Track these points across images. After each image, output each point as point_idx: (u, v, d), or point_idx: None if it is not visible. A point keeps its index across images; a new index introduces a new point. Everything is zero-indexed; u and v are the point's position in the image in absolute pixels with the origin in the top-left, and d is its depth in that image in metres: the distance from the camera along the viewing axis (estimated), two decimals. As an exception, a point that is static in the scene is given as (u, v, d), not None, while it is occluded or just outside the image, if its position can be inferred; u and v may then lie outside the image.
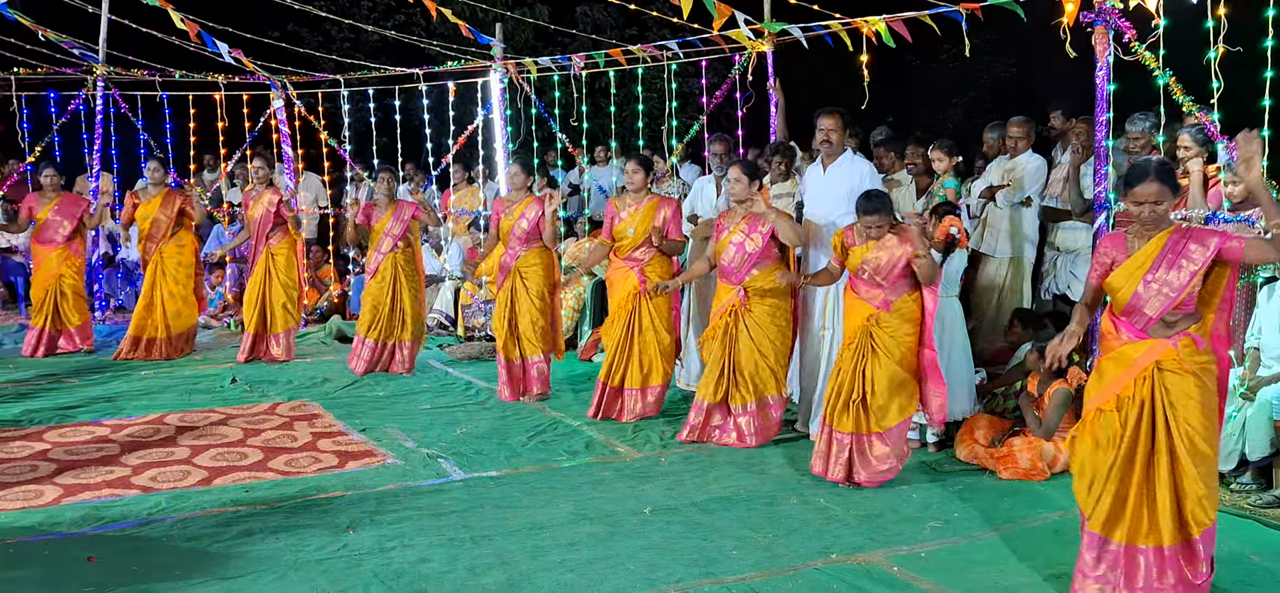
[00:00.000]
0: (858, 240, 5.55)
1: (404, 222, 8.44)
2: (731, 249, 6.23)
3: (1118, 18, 5.84)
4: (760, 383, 6.21)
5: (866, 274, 5.50)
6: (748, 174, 6.27)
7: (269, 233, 8.94)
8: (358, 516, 5.02)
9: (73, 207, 9.35)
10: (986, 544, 4.70)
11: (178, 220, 9.23)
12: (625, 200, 7.01)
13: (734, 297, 6.22)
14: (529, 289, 7.45)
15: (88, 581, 4.25)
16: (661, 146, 10.11)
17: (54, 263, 9.29)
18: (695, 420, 6.31)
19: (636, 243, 6.88)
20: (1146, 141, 6.44)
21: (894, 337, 5.44)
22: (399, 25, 15.29)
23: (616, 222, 6.99)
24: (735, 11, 7.73)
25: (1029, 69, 14.55)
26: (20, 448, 6.19)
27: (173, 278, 9.22)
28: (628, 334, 6.87)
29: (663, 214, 6.88)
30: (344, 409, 7.25)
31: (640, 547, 4.64)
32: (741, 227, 6.23)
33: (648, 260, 6.86)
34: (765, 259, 6.19)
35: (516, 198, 7.58)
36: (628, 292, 6.89)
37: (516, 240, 7.46)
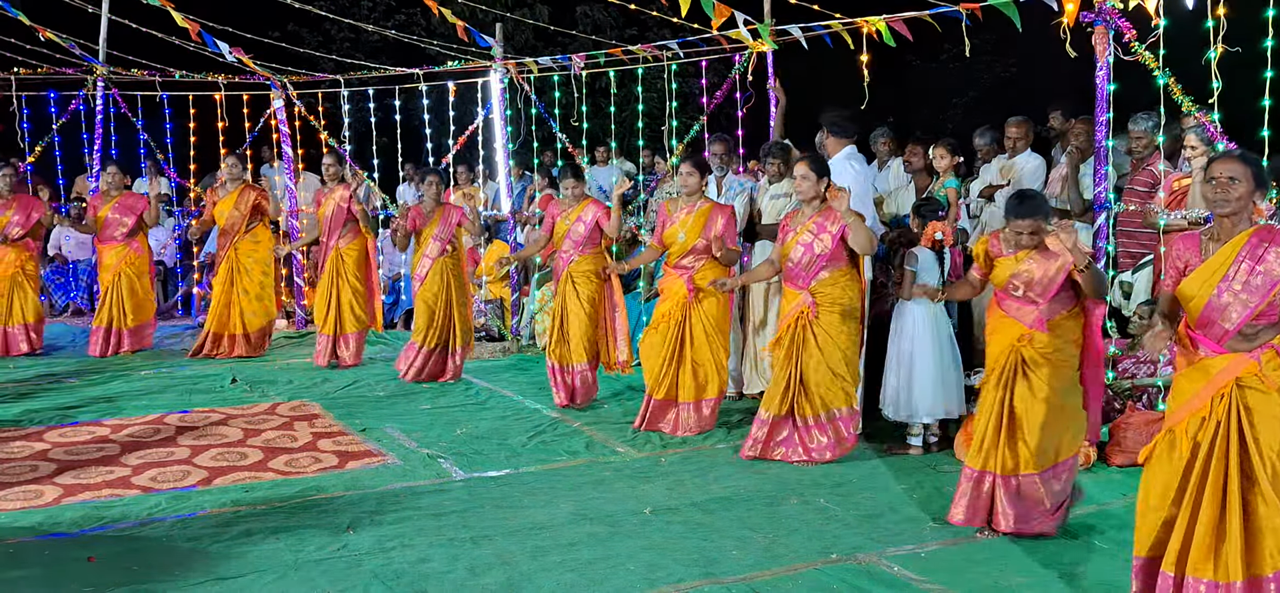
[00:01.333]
0: (1006, 250, 4.85)
1: (451, 226, 8.22)
2: (799, 250, 5.87)
3: (1118, 18, 5.84)
4: (829, 396, 5.87)
5: (1019, 290, 4.79)
6: (815, 171, 5.89)
7: (339, 232, 8.75)
8: (358, 516, 5.02)
9: (133, 205, 9.31)
10: (986, 545, 4.70)
11: (252, 215, 9.16)
12: (677, 204, 6.71)
13: (802, 303, 5.87)
14: (580, 295, 7.25)
15: (88, 581, 4.25)
16: (661, 146, 10.11)
17: (113, 261, 9.27)
18: (758, 434, 5.96)
19: (686, 249, 6.57)
20: (1148, 141, 6.45)
21: (1052, 360, 4.71)
22: (399, 25, 15.31)
23: (667, 226, 6.68)
24: (735, 11, 7.73)
25: (1029, 69, 14.56)
26: (20, 448, 6.20)
27: (247, 274, 9.15)
28: (677, 344, 6.55)
29: (717, 221, 6.54)
30: (344, 409, 7.25)
31: (640, 547, 4.63)
32: (809, 226, 5.87)
33: (697, 268, 6.57)
34: (835, 262, 5.84)
35: (572, 201, 7.36)
36: (676, 300, 6.59)
37: (572, 244, 7.27)
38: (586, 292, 7.26)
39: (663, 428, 6.59)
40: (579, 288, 7.26)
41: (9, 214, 9.22)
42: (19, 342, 9.31)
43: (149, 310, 9.54)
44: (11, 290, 9.26)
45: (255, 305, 9.21)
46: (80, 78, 10.75)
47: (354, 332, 8.78)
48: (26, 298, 9.33)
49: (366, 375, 8.42)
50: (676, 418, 6.57)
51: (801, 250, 5.86)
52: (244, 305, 9.16)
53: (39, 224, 9.45)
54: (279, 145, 11.45)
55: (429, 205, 8.24)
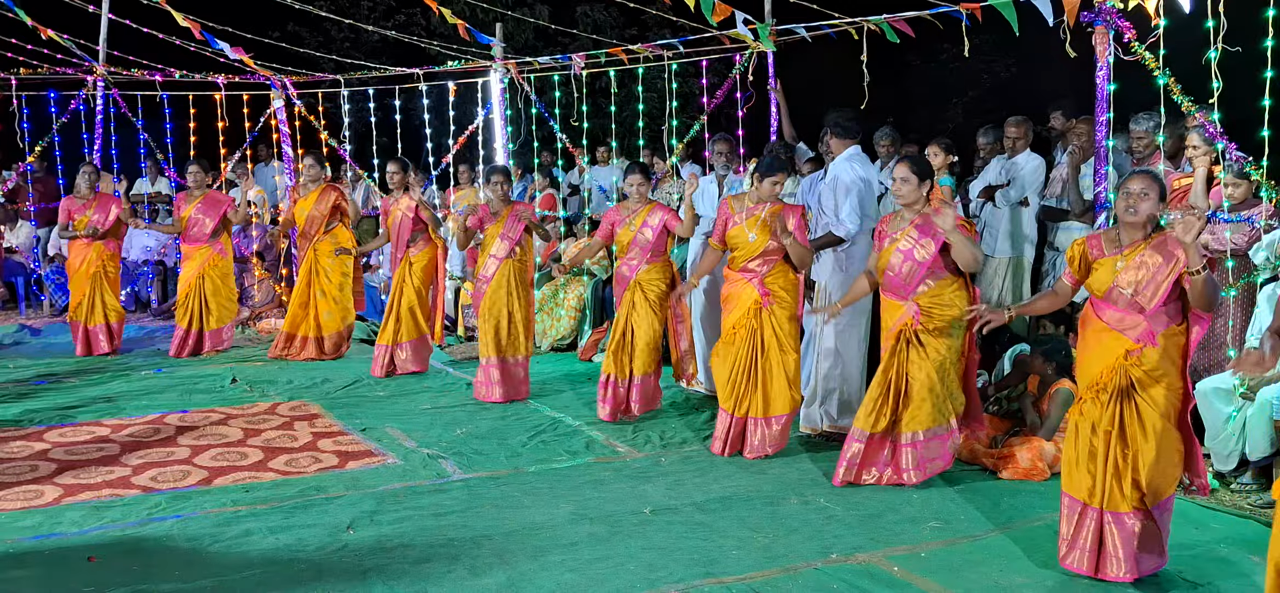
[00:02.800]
0: (1108, 250, 4.29)
1: (519, 226, 7.69)
2: (898, 257, 5.38)
3: (1118, 18, 5.84)
4: (932, 413, 5.41)
5: (1128, 293, 4.19)
6: (917, 172, 5.41)
7: (409, 240, 8.41)
8: (358, 516, 5.02)
9: (216, 204, 9.23)
10: (986, 544, 4.70)
11: (332, 216, 8.96)
12: (741, 202, 6.19)
13: (906, 315, 5.39)
14: (649, 301, 6.85)
15: (88, 581, 4.25)
16: (661, 146, 10.11)
17: (196, 263, 9.20)
18: (851, 456, 5.49)
19: (755, 252, 6.05)
20: (1149, 142, 6.44)
21: (1160, 382, 4.18)
22: (399, 25, 15.31)
23: (731, 226, 6.16)
24: (735, 11, 7.74)
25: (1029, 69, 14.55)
26: (20, 448, 6.19)
27: (326, 275, 8.97)
28: (749, 357, 6.03)
29: (789, 221, 5.97)
30: (344, 409, 7.25)
31: (640, 547, 4.63)
32: (909, 232, 5.38)
33: (768, 271, 6.04)
34: (939, 270, 5.36)
35: (637, 205, 6.92)
36: (747, 308, 6.06)
37: (639, 251, 6.85)
38: (655, 299, 6.86)
39: (744, 451, 6.07)
40: (649, 295, 6.84)
41: (89, 213, 9.21)
42: (101, 341, 9.28)
43: (231, 313, 9.45)
44: (94, 290, 9.23)
45: (332, 307, 8.99)
46: (80, 78, 10.76)
47: (411, 340, 8.44)
48: (108, 298, 9.30)
49: (367, 376, 8.41)
50: (755, 436, 6.07)
51: (901, 258, 5.38)
52: (321, 307, 8.96)
53: (119, 222, 9.41)
54: (279, 145, 11.46)
55: (496, 204, 7.78)
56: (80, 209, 9.25)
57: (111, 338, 9.33)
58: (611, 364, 6.89)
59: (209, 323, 9.24)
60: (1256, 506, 5.13)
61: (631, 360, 6.88)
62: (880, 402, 5.44)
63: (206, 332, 9.24)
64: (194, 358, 9.11)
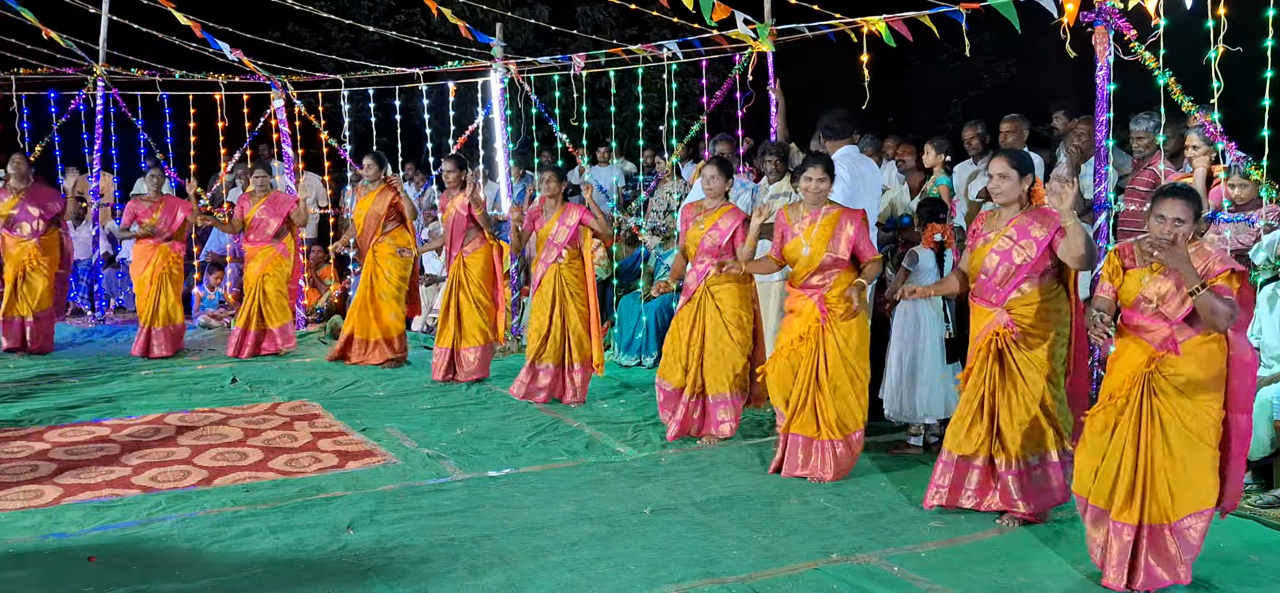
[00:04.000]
0: (1139, 261, 4.20)
1: (571, 227, 7.32)
2: (994, 259, 4.87)
3: (1118, 18, 5.84)
4: (1032, 438, 4.87)
5: (1152, 304, 4.15)
6: (1016, 167, 4.90)
7: (463, 239, 8.14)
8: (358, 516, 5.02)
9: (280, 205, 9.18)
10: (986, 544, 4.70)
11: (389, 216, 8.75)
12: (798, 211, 5.75)
13: (996, 323, 4.88)
14: (723, 313, 6.29)
15: (88, 581, 4.25)
16: (661, 146, 10.11)
17: (258, 263, 9.16)
18: (943, 481, 5.02)
19: (814, 265, 5.62)
20: (1149, 141, 6.44)
21: (1190, 396, 4.08)
22: (399, 25, 15.30)
23: (788, 238, 5.72)
24: (734, 11, 7.74)
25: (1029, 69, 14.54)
26: (20, 448, 6.19)
27: (386, 277, 8.77)
28: (812, 374, 5.65)
29: (847, 228, 5.58)
30: (344, 409, 7.25)
31: (640, 547, 4.63)
32: (1008, 231, 4.88)
33: (829, 285, 5.61)
34: (1039, 274, 4.83)
35: (712, 204, 6.39)
36: (807, 326, 5.64)
37: (707, 255, 6.32)
38: (731, 309, 6.29)
39: (800, 471, 5.67)
40: (722, 305, 6.30)
41: (156, 216, 9.20)
42: (162, 344, 9.25)
43: (289, 313, 9.38)
44: (157, 293, 9.21)
45: (396, 308, 8.80)
46: (80, 78, 10.76)
47: (476, 346, 8.11)
48: (170, 300, 9.27)
49: (367, 375, 8.41)
50: (817, 459, 5.67)
51: (997, 260, 4.86)
52: (383, 309, 8.77)
53: (185, 224, 9.39)
54: (279, 145, 11.46)
55: (549, 204, 7.42)
56: (146, 211, 9.23)
57: (173, 340, 9.29)
58: (678, 379, 6.37)
59: (270, 322, 9.21)
60: (1256, 506, 5.12)
61: (704, 376, 6.36)
62: (971, 421, 4.95)
63: (269, 331, 9.21)
64: (254, 357, 9.08)
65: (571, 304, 7.33)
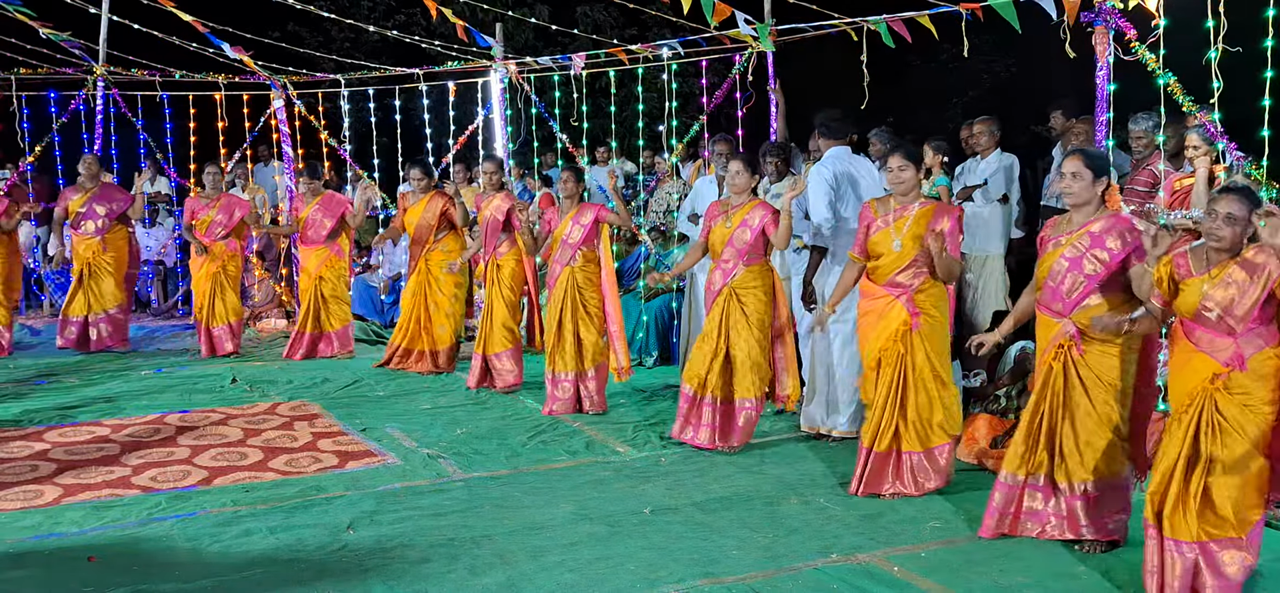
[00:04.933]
0: (1195, 269, 4.01)
1: (585, 227, 7.06)
2: (1062, 265, 4.56)
3: (1118, 18, 5.84)
4: (1098, 457, 4.56)
5: (1213, 313, 3.93)
6: (1091, 167, 4.56)
7: (497, 242, 7.92)
8: (358, 516, 5.02)
9: (334, 206, 9.05)
10: (986, 544, 4.70)
11: (440, 223, 8.46)
12: (885, 206, 5.37)
13: (1062, 335, 4.58)
14: (748, 316, 6.09)
15: (88, 581, 4.25)
16: (661, 146, 10.11)
17: (314, 264, 9.04)
18: (1002, 504, 4.72)
19: (903, 263, 5.26)
20: (1148, 141, 6.44)
21: (1249, 406, 3.91)
22: (399, 25, 15.30)
23: (873, 231, 5.35)
24: (735, 11, 7.74)
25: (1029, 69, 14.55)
26: (20, 448, 6.20)
27: (438, 286, 8.51)
28: (899, 384, 5.29)
29: (942, 224, 5.16)
30: (344, 409, 7.25)
31: (640, 547, 4.63)
32: (1080, 237, 4.54)
33: (918, 286, 5.25)
34: (1109, 287, 4.51)
35: (739, 201, 6.18)
36: (894, 329, 5.28)
37: (735, 253, 6.10)
38: (756, 311, 6.12)
39: (884, 490, 5.33)
40: (747, 306, 6.11)
41: (213, 213, 9.17)
42: (225, 342, 9.20)
43: (348, 316, 9.25)
44: (214, 291, 9.16)
45: (445, 321, 8.52)
46: (80, 78, 10.76)
47: (507, 349, 7.84)
48: (228, 298, 9.22)
49: (367, 376, 8.41)
50: (903, 472, 5.35)
51: (1066, 267, 4.55)
52: (435, 320, 8.52)
53: (243, 223, 9.33)
54: (279, 145, 11.46)
55: (565, 203, 7.23)
56: (204, 209, 9.20)
57: (234, 337, 9.26)
58: (712, 386, 6.15)
59: (328, 324, 9.11)
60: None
61: (732, 381, 6.14)
62: (1032, 441, 4.67)
63: (326, 334, 9.12)
64: (309, 359, 9.00)
65: (582, 310, 7.07)
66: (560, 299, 7.08)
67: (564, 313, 7.06)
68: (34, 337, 10.12)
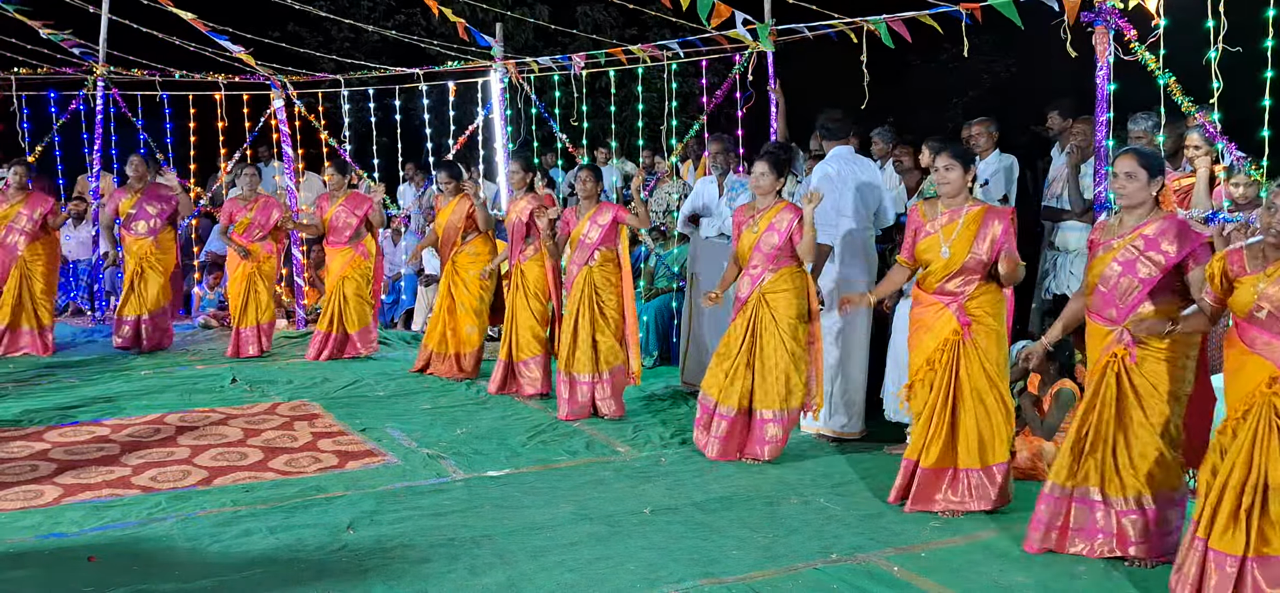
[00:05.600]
0: (1250, 267, 3.85)
1: (603, 227, 6.91)
2: (1114, 269, 4.37)
3: (1118, 18, 5.85)
4: (1153, 472, 4.35)
5: (1263, 312, 3.79)
6: (1145, 166, 4.35)
7: (521, 246, 7.73)
8: (358, 516, 5.02)
9: (358, 205, 8.97)
10: (986, 544, 4.70)
11: (467, 227, 8.34)
12: (935, 209, 5.13)
13: (1114, 344, 4.36)
14: (778, 321, 5.80)
15: (88, 581, 4.25)
16: (661, 147, 10.11)
17: (339, 265, 8.96)
18: (1049, 517, 4.52)
19: (953, 267, 5.00)
20: (1148, 141, 6.44)
21: None
22: (399, 25, 15.31)
23: (920, 236, 5.12)
24: (735, 11, 7.74)
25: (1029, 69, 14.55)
26: (20, 448, 6.19)
27: (465, 287, 8.33)
28: (949, 396, 5.01)
29: (994, 227, 4.93)
30: (344, 409, 7.25)
31: (640, 547, 4.63)
32: (1134, 240, 4.34)
33: (969, 293, 4.98)
34: (1167, 291, 4.31)
35: (765, 204, 5.92)
36: (943, 338, 5.01)
37: (763, 258, 5.84)
38: (786, 317, 5.82)
39: (934, 506, 5.05)
40: (777, 313, 5.83)
41: (251, 214, 9.15)
42: (248, 344, 9.15)
43: (368, 317, 9.12)
44: (248, 292, 9.13)
45: (474, 321, 8.35)
46: (80, 78, 10.76)
47: (534, 357, 7.64)
48: (261, 300, 9.19)
49: (367, 376, 8.41)
50: (959, 488, 5.06)
51: (1118, 272, 4.35)
52: (462, 322, 8.36)
53: (278, 227, 9.29)
54: (279, 145, 11.46)
55: (583, 203, 7.08)
56: (241, 210, 9.18)
57: (260, 340, 9.21)
58: (739, 397, 5.89)
59: (350, 325, 9.01)
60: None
61: (756, 394, 5.89)
62: (1079, 451, 4.48)
63: (353, 335, 9.02)
64: (334, 360, 8.92)
65: (598, 312, 6.92)
66: (577, 301, 6.95)
67: (581, 315, 6.92)
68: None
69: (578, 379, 6.95)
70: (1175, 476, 4.37)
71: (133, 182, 9.41)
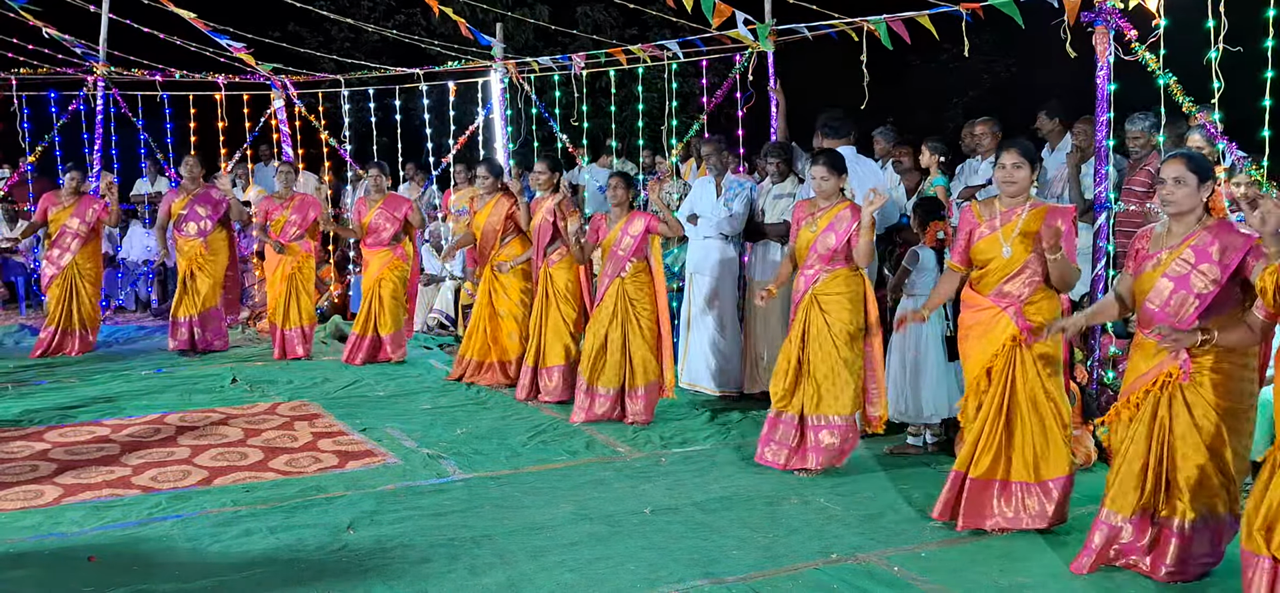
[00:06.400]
0: None
1: (635, 237, 6.65)
2: (1166, 285, 4.08)
3: (1118, 18, 5.85)
4: (1207, 496, 4.12)
5: None
6: (1195, 171, 4.11)
7: (547, 247, 7.52)
8: (358, 516, 5.02)
9: (397, 207, 8.83)
10: (986, 544, 4.70)
11: (506, 228, 8.00)
12: (990, 209, 4.85)
13: (1168, 362, 4.10)
14: (831, 325, 5.57)
15: (88, 581, 4.25)
16: (661, 146, 10.11)
17: (376, 267, 8.79)
18: (1100, 543, 4.29)
19: (1012, 269, 4.73)
20: (1146, 141, 6.44)
21: None
22: (399, 25, 15.32)
23: (976, 237, 4.83)
24: (735, 11, 7.74)
25: (1029, 69, 14.57)
26: (20, 448, 6.20)
27: (505, 292, 8.02)
28: (1004, 404, 4.72)
29: (1055, 226, 4.57)
30: (344, 409, 7.25)
31: (640, 547, 4.64)
32: (1183, 252, 4.07)
33: (1028, 296, 4.70)
34: (1225, 304, 4.03)
35: (827, 203, 5.69)
36: (1001, 344, 4.71)
37: (818, 258, 5.61)
38: (840, 321, 5.58)
39: (986, 522, 4.75)
40: (830, 316, 5.59)
41: (287, 213, 9.01)
42: (295, 345, 9.05)
43: (401, 320, 8.93)
44: (289, 293, 9.02)
45: (515, 328, 7.99)
46: (80, 78, 10.77)
47: (557, 365, 7.39)
48: (302, 302, 9.06)
49: (366, 375, 8.41)
50: (1012, 503, 4.76)
51: (1171, 287, 4.07)
52: (504, 329, 8.01)
53: (316, 224, 9.16)
54: (279, 145, 11.47)
55: (614, 211, 6.82)
56: (277, 209, 9.06)
57: (305, 342, 9.11)
58: (792, 401, 5.68)
59: (384, 328, 8.81)
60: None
61: (814, 397, 5.62)
62: (1138, 477, 4.22)
63: (386, 338, 8.83)
64: (369, 364, 8.75)
65: (634, 323, 6.68)
66: (608, 312, 6.73)
67: (612, 327, 6.70)
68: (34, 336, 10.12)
69: (599, 392, 6.75)
70: (1225, 502, 4.12)
71: (186, 183, 9.27)
